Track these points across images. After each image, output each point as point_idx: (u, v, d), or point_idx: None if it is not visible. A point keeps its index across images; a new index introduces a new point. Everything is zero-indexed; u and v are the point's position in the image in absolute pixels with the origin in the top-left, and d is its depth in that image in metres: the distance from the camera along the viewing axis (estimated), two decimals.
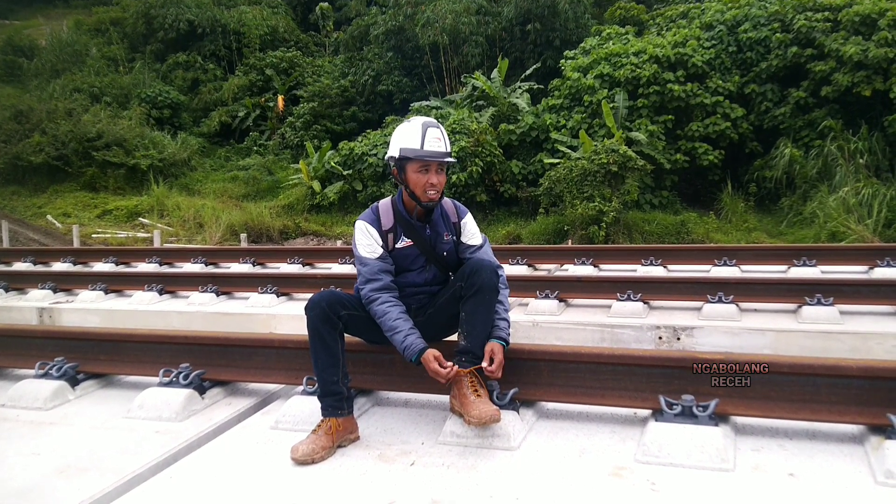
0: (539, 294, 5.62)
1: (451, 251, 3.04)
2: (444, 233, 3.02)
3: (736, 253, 7.29)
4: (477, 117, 18.73)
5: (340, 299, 2.81)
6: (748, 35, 17.36)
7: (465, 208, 3.14)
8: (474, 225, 3.12)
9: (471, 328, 2.75)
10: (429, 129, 2.85)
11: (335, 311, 2.75)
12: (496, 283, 2.80)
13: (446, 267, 3.05)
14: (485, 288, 2.74)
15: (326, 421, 2.67)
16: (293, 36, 32.08)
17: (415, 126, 2.87)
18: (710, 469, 2.38)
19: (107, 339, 3.60)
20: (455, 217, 3.08)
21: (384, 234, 2.96)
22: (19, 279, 7.73)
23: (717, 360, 2.73)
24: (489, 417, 2.56)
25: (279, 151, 25.48)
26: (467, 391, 2.67)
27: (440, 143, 2.86)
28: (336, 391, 2.72)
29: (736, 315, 5.05)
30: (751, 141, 17.15)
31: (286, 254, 8.72)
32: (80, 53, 31.96)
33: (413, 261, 3.00)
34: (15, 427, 2.98)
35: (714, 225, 15.63)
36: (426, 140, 2.84)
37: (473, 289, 2.74)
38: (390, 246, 2.97)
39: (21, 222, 20.55)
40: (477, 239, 3.08)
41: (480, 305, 2.74)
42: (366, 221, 2.96)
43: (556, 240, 15.20)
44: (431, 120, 2.91)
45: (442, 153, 2.86)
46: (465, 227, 3.07)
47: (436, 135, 2.86)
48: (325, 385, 2.73)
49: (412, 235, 2.97)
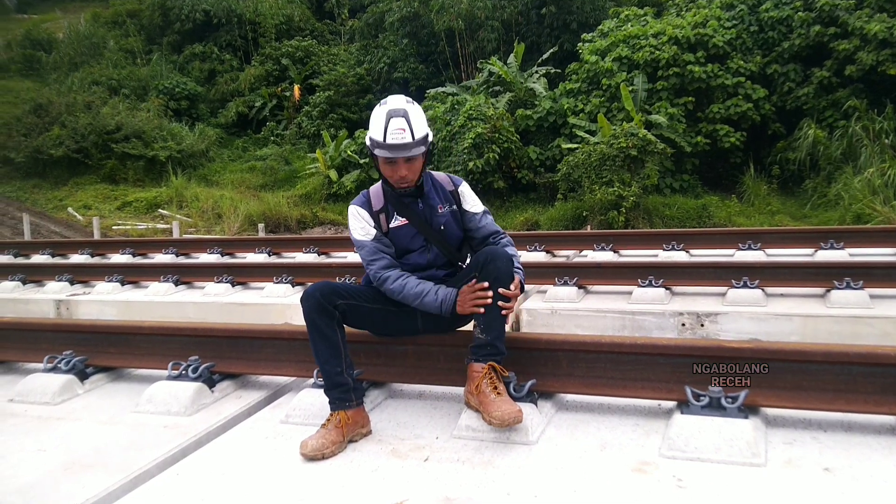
0: (558, 281, 5.50)
1: (450, 224, 2.91)
2: (437, 205, 2.90)
3: (760, 236, 7.10)
4: (493, 103, 18.54)
5: (335, 289, 2.70)
6: (770, 14, 17.00)
7: (459, 178, 3.04)
8: (473, 194, 3.01)
9: (490, 321, 2.62)
10: (392, 119, 2.68)
11: (330, 301, 2.64)
12: (511, 271, 2.67)
13: (446, 244, 2.91)
14: (501, 278, 2.61)
15: (335, 415, 2.58)
16: (308, 25, 31.99)
17: (379, 115, 2.73)
18: (739, 464, 2.26)
19: (116, 332, 3.54)
20: (450, 186, 2.97)
21: (375, 214, 2.88)
22: (37, 271, 7.74)
23: (745, 348, 2.60)
24: (512, 419, 2.43)
25: (296, 141, 25.47)
26: (486, 388, 2.55)
27: (404, 133, 2.67)
28: (341, 382, 2.62)
29: (762, 300, 4.90)
30: (773, 122, 16.83)
31: (302, 243, 8.66)
32: (97, 46, 32.15)
33: (412, 240, 2.89)
34: (22, 422, 2.92)
35: (736, 208, 15.37)
36: (388, 132, 2.68)
37: (491, 278, 2.60)
38: (384, 227, 2.89)
39: (43, 215, 20.74)
40: (478, 206, 2.98)
41: (495, 296, 2.61)
42: (356, 205, 2.91)
43: (575, 226, 15.03)
44: (398, 106, 2.72)
45: (406, 145, 2.68)
46: (463, 196, 2.97)
47: (399, 125, 2.67)
48: (329, 377, 2.63)
49: (405, 213, 2.87)
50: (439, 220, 2.90)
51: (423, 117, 2.79)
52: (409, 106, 2.75)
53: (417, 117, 2.74)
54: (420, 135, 2.72)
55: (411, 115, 2.71)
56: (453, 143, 17.77)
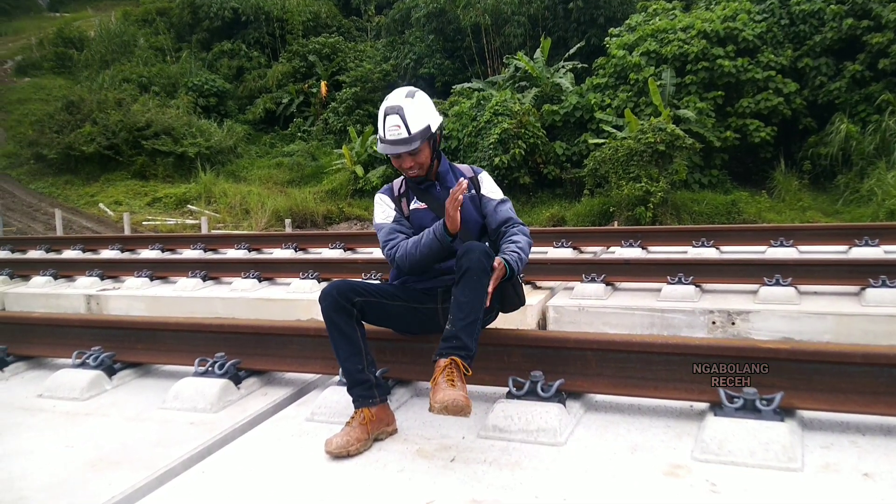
0: (585, 278, 5.43)
1: (468, 209, 2.86)
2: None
3: (792, 233, 6.95)
4: (519, 98, 18.44)
5: (353, 286, 2.68)
6: (801, 7, 16.68)
7: (481, 168, 3.06)
8: (493, 182, 3.00)
9: (456, 311, 2.50)
10: (388, 116, 2.70)
11: (348, 298, 2.62)
12: (486, 265, 2.54)
13: (464, 229, 2.82)
14: (473, 269, 2.50)
15: (359, 412, 2.56)
16: (335, 21, 32.12)
17: (380, 112, 2.76)
18: (775, 468, 2.19)
19: (143, 328, 3.56)
20: (471, 173, 2.99)
21: (397, 198, 2.95)
22: (68, 267, 7.84)
23: (781, 349, 2.53)
24: (451, 402, 2.24)
25: (322, 137, 25.59)
26: (441, 379, 2.37)
27: (399, 130, 2.68)
28: (363, 380, 2.59)
29: (794, 298, 4.79)
30: (804, 117, 16.53)
31: (328, 239, 8.68)
32: (128, 44, 32.58)
33: (430, 223, 2.84)
34: (50, 418, 2.94)
35: (766, 204, 15.12)
36: (385, 129, 2.72)
37: (462, 271, 2.52)
38: (405, 210, 2.93)
39: (75, 211, 21.06)
40: (497, 194, 2.96)
41: (467, 287, 2.50)
42: (380, 193, 2.99)
43: (602, 222, 14.90)
44: (394, 103, 2.73)
45: (401, 141, 2.69)
46: (482, 182, 2.97)
47: (394, 122, 2.69)
48: (350, 375, 2.61)
49: (425, 198, 2.89)
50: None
51: (422, 109, 2.75)
52: (406, 101, 2.74)
53: (414, 111, 2.72)
54: (417, 129, 2.71)
55: (406, 110, 2.70)
56: (479, 139, 17.71)
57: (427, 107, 2.79)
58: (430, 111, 2.80)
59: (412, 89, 2.83)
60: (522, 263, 2.72)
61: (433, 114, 2.81)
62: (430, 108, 2.81)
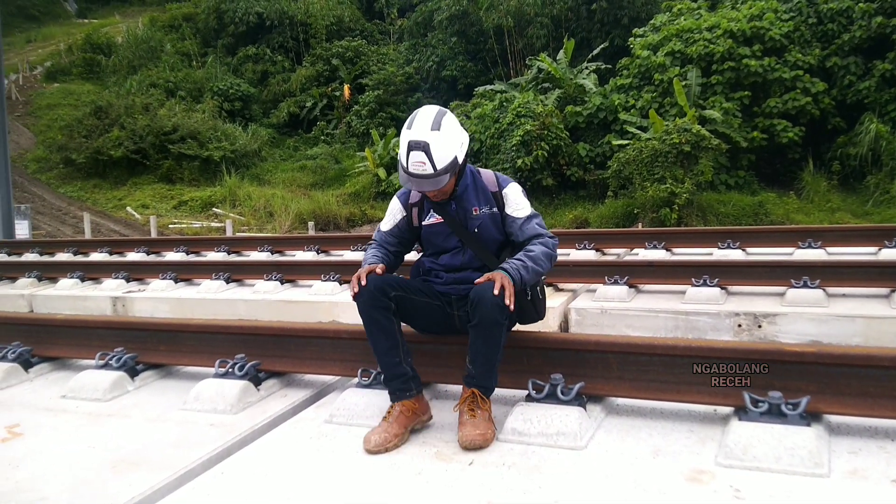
0: (608, 280, 5.37)
1: (486, 227, 2.81)
2: (472, 207, 2.81)
3: (821, 234, 6.82)
4: (542, 100, 18.38)
5: (388, 280, 2.66)
6: (829, 6, 16.44)
7: (508, 179, 2.91)
8: (520, 197, 2.86)
9: (474, 356, 2.58)
10: (412, 152, 2.59)
11: (385, 292, 2.61)
12: (498, 318, 2.51)
13: (481, 247, 2.82)
14: (484, 323, 2.50)
15: (395, 406, 2.57)
16: (358, 25, 32.30)
17: (403, 141, 2.65)
18: (801, 474, 2.14)
19: (165, 330, 3.58)
20: (495, 187, 2.86)
21: (409, 206, 2.90)
22: (95, 269, 7.94)
23: (808, 352, 2.47)
24: (469, 442, 2.46)
25: (345, 140, 25.73)
26: (464, 410, 2.56)
27: (425, 166, 2.58)
28: (401, 373, 2.61)
29: (822, 301, 4.69)
30: (833, 117, 16.28)
31: (350, 241, 8.70)
32: (155, 49, 33.06)
33: (445, 239, 2.84)
34: (73, 419, 2.96)
35: (794, 205, 14.91)
36: (409, 163, 2.61)
37: (475, 320, 2.52)
38: (415, 221, 2.89)
39: (103, 214, 21.39)
40: (523, 211, 2.83)
41: (479, 339, 2.54)
42: (396, 195, 2.95)
43: (626, 224, 14.80)
44: (419, 138, 2.59)
45: (426, 176, 2.61)
46: (507, 198, 2.84)
47: (419, 158, 2.58)
48: (388, 368, 2.62)
49: (441, 212, 2.82)
50: (473, 223, 2.81)
51: (449, 142, 2.63)
52: (433, 135, 2.59)
53: (441, 146, 2.59)
54: (443, 164, 2.60)
55: (433, 146, 2.58)
56: (502, 141, 17.68)
57: (454, 137, 2.66)
58: (457, 140, 2.67)
59: (438, 115, 2.65)
60: (529, 273, 2.61)
61: (460, 141, 2.69)
62: (456, 136, 2.67)
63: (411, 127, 2.64)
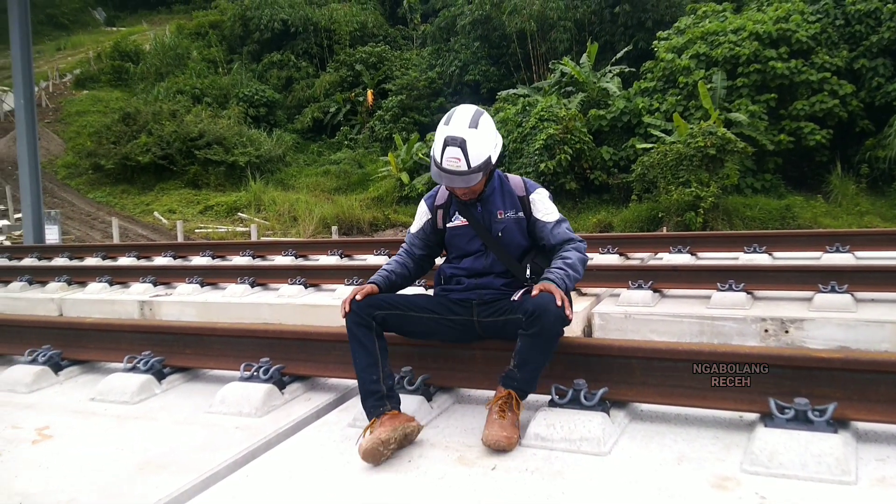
0: (631, 284, 5.33)
1: (511, 231, 2.83)
2: (497, 210, 2.83)
3: (849, 238, 6.72)
4: (565, 104, 18.33)
5: (374, 301, 2.73)
6: (857, 7, 16.21)
7: (536, 184, 2.94)
8: (548, 202, 2.89)
9: (523, 361, 2.56)
10: (447, 147, 2.63)
11: (368, 312, 2.67)
12: (559, 330, 2.56)
13: (504, 251, 2.83)
14: (544, 334, 2.51)
15: (373, 422, 2.52)
16: (382, 30, 32.47)
17: (439, 135, 2.68)
18: (828, 481, 2.11)
19: (192, 334, 3.62)
20: (522, 192, 2.88)
21: (435, 208, 2.94)
22: (123, 273, 8.05)
23: (835, 357, 2.44)
24: (494, 441, 2.46)
25: (369, 145, 25.86)
26: (494, 409, 2.55)
27: (459, 162, 2.62)
28: (375, 390, 2.59)
29: (851, 306, 4.61)
30: (861, 119, 16.04)
31: (373, 245, 8.73)
32: (181, 57, 33.51)
33: (469, 242, 2.86)
34: (102, 421, 3.01)
35: (822, 209, 14.70)
36: (444, 158, 2.65)
37: (534, 329, 2.50)
38: (440, 223, 2.92)
39: (130, 219, 21.70)
40: (552, 215, 2.85)
41: (536, 349, 2.54)
42: (424, 199, 2.99)
43: (650, 228, 14.68)
44: (456, 134, 2.63)
45: (460, 173, 2.65)
46: (534, 203, 2.86)
47: (454, 154, 2.62)
48: (364, 384, 2.62)
49: (466, 214, 2.85)
50: (498, 227, 2.83)
51: (485, 140, 2.68)
52: (470, 133, 2.64)
53: (477, 143, 2.64)
54: (477, 162, 2.65)
55: (469, 143, 2.62)
56: (524, 145, 17.65)
57: (489, 136, 2.71)
58: (492, 139, 2.72)
59: (476, 113, 2.72)
60: (570, 280, 2.68)
61: (494, 141, 2.74)
62: (491, 136, 2.72)
63: (449, 123, 2.68)
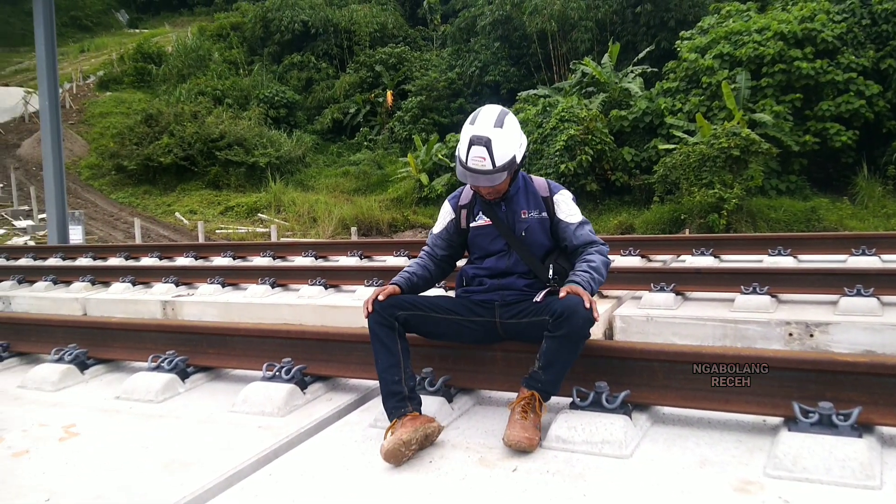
0: (653, 287, 5.30)
1: (534, 231, 2.84)
2: (521, 210, 2.85)
3: (876, 241, 6.63)
4: (587, 104, 18.25)
5: (397, 301, 2.74)
6: (884, 6, 15.98)
7: (559, 186, 2.96)
8: (571, 203, 2.91)
9: (549, 363, 2.55)
10: (473, 147, 2.65)
11: (390, 313, 2.69)
12: (586, 332, 2.56)
13: (527, 251, 2.83)
14: (572, 336, 2.52)
15: (394, 422, 2.53)
16: (402, 31, 32.55)
17: (465, 134, 2.70)
18: (852, 486, 2.08)
19: (215, 334, 3.66)
20: (546, 192, 2.90)
21: (459, 208, 2.96)
22: (146, 273, 8.14)
23: (860, 362, 2.41)
24: (515, 442, 2.45)
25: (388, 146, 25.91)
26: (517, 410, 2.55)
27: (484, 162, 2.64)
28: (397, 391, 2.60)
29: (877, 309, 4.56)
30: (888, 120, 15.80)
31: (392, 247, 8.76)
32: (203, 58, 33.79)
33: (492, 242, 2.87)
34: (127, 420, 3.05)
35: (848, 211, 14.50)
36: (469, 157, 2.66)
37: (561, 331, 2.50)
38: (463, 223, 2.93)
39: (152, 219, 21.92)
40: (575, 217, 2.87)
41: (562, 349, 2.54)
42: (448, 199, 3.01)
43: (672, 230, 14.57)
44: (482, 133, 2.65)
45: (485, 172, 2.66)
46: (558, 204, 2.88)
47: (479, 153, 2.63)
48: (386, 385, 2.63)
49: (490, 214, 2.86)
50: (521, 226, 2.84)
51: (510, 139, 2.70)
52: (495, 132, 2.66)
53: (502, 143, 2.66)
54: (502, 162, 2.66)
55: (495, 142, 2.64)
56: (545, 146, 17.60)
57: (514, 135, 2.73)
58: (517, 139, 2.74)
59: (501, 113, 2.73)
60: (595, 283, 2.69)
61: (519, 142, 2.75)
62: (517, 135, 2.75)
63: (474, 122, 2.71)
